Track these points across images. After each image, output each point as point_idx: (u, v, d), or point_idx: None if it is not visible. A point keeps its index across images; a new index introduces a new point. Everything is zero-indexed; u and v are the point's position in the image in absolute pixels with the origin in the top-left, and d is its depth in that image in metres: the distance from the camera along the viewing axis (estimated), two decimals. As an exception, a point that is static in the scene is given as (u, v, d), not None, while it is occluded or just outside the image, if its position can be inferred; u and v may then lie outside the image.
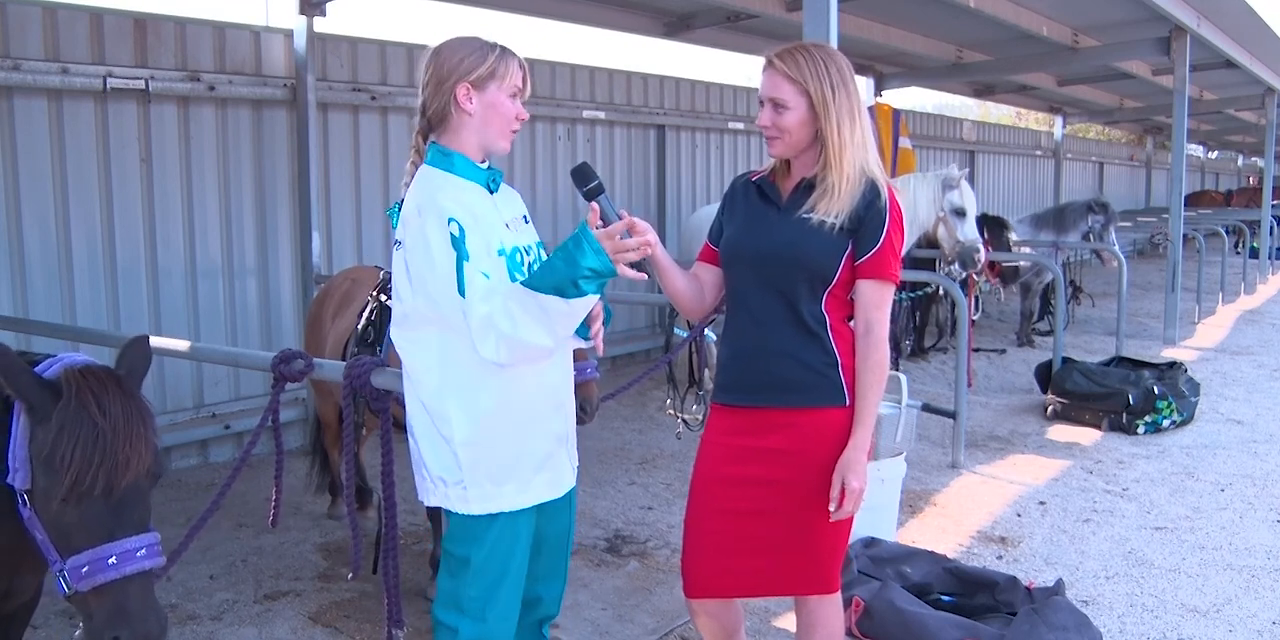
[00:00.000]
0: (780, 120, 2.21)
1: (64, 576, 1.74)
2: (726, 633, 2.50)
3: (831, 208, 2.18)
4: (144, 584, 1.79)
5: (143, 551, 1.78)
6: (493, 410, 2.15)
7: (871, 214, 2.18)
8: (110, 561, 1.74)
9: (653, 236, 2.12)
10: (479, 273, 2.03)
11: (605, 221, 2.10)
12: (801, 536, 2.29)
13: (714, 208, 2.85)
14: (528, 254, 2.21)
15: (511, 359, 2.06)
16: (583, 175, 2.14)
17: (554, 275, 2.00)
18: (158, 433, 1.91)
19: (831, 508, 2.19)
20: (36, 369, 1.86)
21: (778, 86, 2.21)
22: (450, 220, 2.04)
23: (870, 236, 2.19)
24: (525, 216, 2.34)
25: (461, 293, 2.02)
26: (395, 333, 2.21)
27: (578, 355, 2.62)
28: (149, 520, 1.85)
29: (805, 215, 2.20)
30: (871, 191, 2.20)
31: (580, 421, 2.52)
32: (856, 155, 2.20)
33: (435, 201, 2.08)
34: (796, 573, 2.33)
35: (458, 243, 2.03)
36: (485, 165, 2.24)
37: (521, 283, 2.05)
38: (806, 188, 2.24)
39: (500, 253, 2.12)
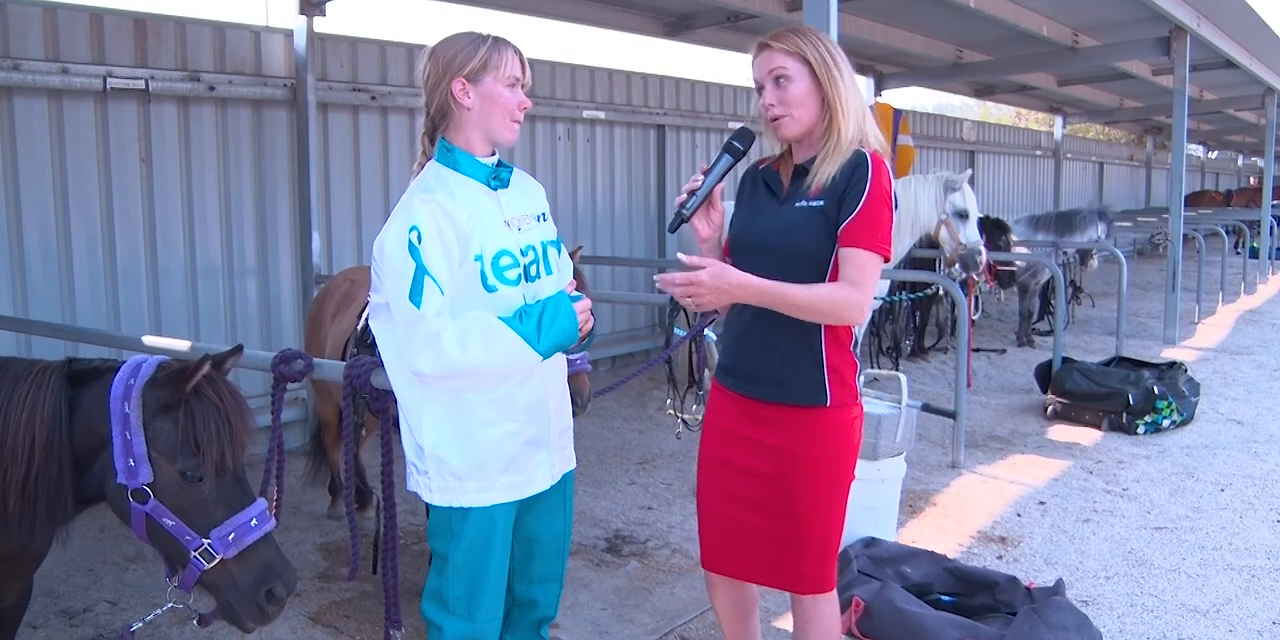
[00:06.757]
0: (786, 94, 2.20)
1: (209, 550, 1.93)
2: (741, 611, 2.53)
3: (824, 170, 2.16)
4: (272, 541, 2.02)
5: (261, 513, 2.01)
6: (445, 416, 2.17)
7: (853, 182, 2.15)
8: (252, 524, 1.97)
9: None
10: (436, 286, 2.03)
11: (704, 174, 2.26)
12: (788, 531, 2.29)
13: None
14: (524, 255, 2.20)
15: (441, 377, 2.07)
16: (741, 137, 2.29)
17: (530, 324, 2.08)
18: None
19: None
20: (128, 371, 1.99)
21: (776, 60, 2.21)
22: (412, 228, 2.04)
23: (850, 203, 2.14)
24: (543, 214, 2.33)
25: (416, 303, 2.02)
26: (373, 323, 2.23)
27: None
28: None
29: (799, 202, 2.20)
30: (855, 160, 2.17)
31: (573, 413, 2.52)
32: (862, 118, 2.21)
33: (410, 204, 2.09)
34: (787, 567, 2.33)
35: (414, 251, 2.03)
36: (494, 159, 2.23)
37: (500, 318, 2.07)
38: (802, 172, 2.24)
39: (478, 258, 2.11)
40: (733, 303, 2.20)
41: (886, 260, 2.19)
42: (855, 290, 2.13)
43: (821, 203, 2.17)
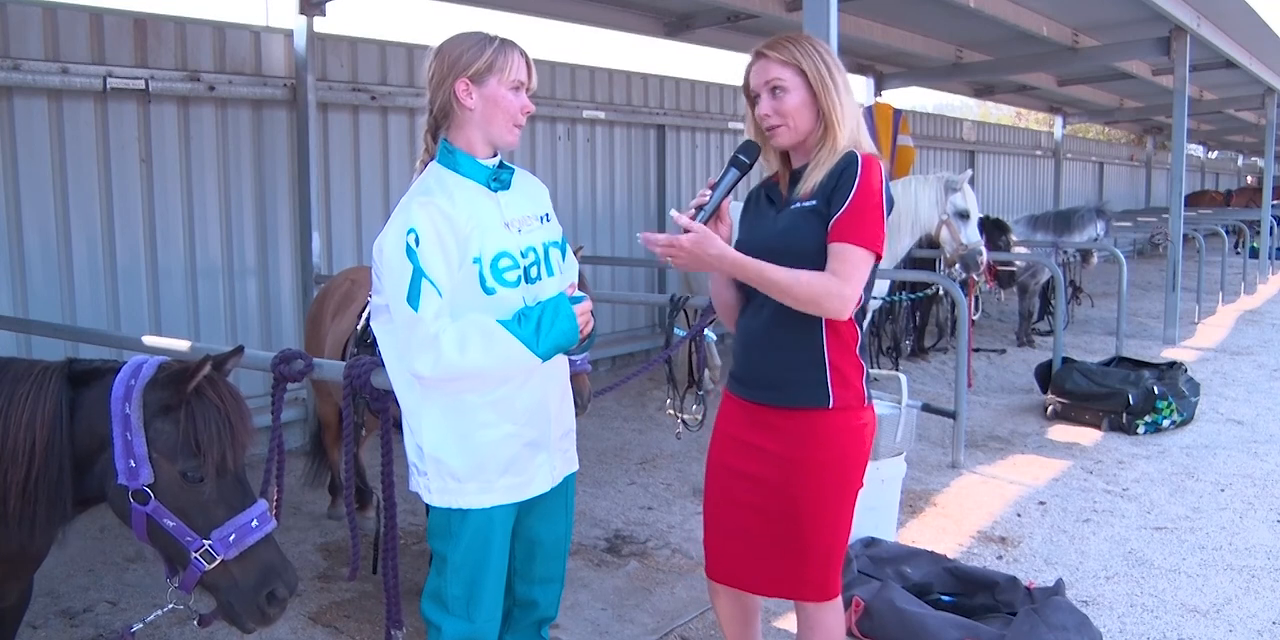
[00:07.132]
0: (781, 105, 2.21)
1: (210, 551, 1.93)
2: (743, 617, 2.53)
3: (815, 175, 2.17)
4: (273, 542, 2.03)
5: (262, 514, 2.01)
6: (444, 418, 2.17)
7: (842, 180, 2.15)
8: (253, 525, 1.98)
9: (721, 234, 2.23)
10: (434, 289, 2.03)
11: (711, 189, 2.22)
12: (793, 538, 2.29)
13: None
14: (524, 257, 2.20)
15: (440, 379, 2.07)
16: (747, 151, 2.27)
17: (529, 326, 2.07)
18: None
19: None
20: (129, 372, 1.98)
21: (772, 70, 2.22)
22: (410, 230, 2.04)
23: (839, 200, 2.14)
24: (545, 215, 2.32)
25: (414, 306, 2.02)
26: (374, 324, 2.23)
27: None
28: None
29: (795, 204, 2.21)
30: (845, 160, 2.17)
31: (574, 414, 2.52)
32: (857, 125, 2.23)
33: (409, 207, 2.09)
34: (792, 574, 2.33)
35: (411, 254, 2.03)
36: (495, 160, 2.23)
37: (499, 321, 2.07)
38: (798, 177, 2.25)
39: (476, 260, 2.10)
40: (709, 271, 2.22)
41: (878, 257, 2.17)
42: (838, 282, 2.11)
43: (814, 202, 2.18)
